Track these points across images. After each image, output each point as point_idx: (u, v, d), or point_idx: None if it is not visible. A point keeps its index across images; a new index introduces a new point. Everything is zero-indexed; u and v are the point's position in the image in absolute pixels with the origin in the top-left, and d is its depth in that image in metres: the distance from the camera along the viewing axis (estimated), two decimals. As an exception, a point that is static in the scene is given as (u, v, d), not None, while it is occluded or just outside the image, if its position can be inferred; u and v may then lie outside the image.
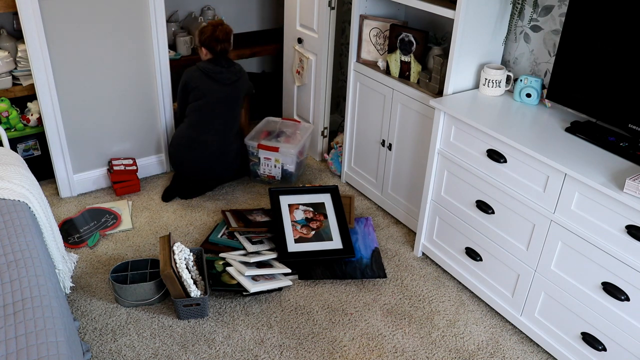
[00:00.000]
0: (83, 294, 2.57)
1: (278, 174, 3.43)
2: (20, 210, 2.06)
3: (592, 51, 2.18)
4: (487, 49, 2.62)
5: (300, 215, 2.94)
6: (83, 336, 2.34)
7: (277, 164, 3.39)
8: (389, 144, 3.06)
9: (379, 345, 2.37)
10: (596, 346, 2.09)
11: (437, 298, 2.64)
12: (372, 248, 2.92)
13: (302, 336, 2.40)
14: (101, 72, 3.13)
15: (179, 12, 4.01)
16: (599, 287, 2.04)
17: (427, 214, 2.77)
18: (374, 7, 3.06)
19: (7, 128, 3.14)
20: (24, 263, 1.77)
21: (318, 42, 3.45)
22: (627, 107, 2.11)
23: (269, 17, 4.53)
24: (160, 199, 3.30)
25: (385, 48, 3.05)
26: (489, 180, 2.35)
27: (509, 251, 2.37)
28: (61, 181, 3.25)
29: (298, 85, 3.77)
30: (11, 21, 3.23)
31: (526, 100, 2.53)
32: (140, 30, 3.15)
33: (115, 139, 3.36)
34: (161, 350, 2.29)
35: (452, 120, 2.46)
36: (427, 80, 2.75)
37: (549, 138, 2.21)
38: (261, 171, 3.44)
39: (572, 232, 2.07)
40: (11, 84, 3.12)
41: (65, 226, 3.00)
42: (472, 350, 2.36)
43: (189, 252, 2.53)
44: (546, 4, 2.50)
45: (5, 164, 2.33)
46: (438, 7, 2.52)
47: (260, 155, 3.38)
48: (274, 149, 3.36)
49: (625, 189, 1.85)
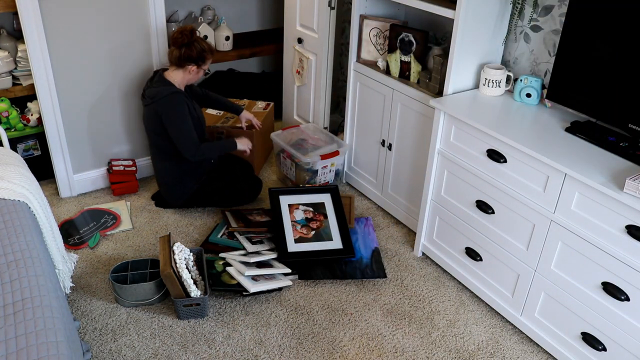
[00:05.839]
0: (83, 294, 2.57)
1: (332, 177, 3.41)
2: (20, 210, 2.06)
3: (592, 51, 2.18)
4: (487, 49, 2.62)
5: (300, 215, 2.94)
6: (83, 336, 2.34)
7: (333, 167, 3.34)
8: (389, 144, 3.06)
9: (379, 345, 2.37)
10: (596, 346, 2.09)
11: (437, 298, 2.64)
12: (372, 248, 2.92)
13: (302, 336, 2.40)
14: (101, 72, 3.13)
15: (179, 12, 4.01)
16: (599, 287, 2.04)
17: (427, 214, 2.77)
18: (374, 7, 3.06)
19: (7, 128, 3.14)
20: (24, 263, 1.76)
21: (318, 42, 3.45)
22: (627, 107, 2.11)
23: (269, 17, 4.53)
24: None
25: (385, 48, 3.05)
26: (489, 180, 2.35)
27: (509, 251, 2.37)
28: (61, 181, 3.25)
29: (298, 85, 3.77)
30: (11, 21, 3.23)
31: (526, 100, 2.53)
32: (140, 30, 3.15)
33: (115, 139, 3.35)
34: (161, 350, 2.29)
35: (452, 120, 2.46)
36: (427, 80, 2.75)
37: (549, 138, 2.21)
38: (318, 182, 3.34)
39: (572, 232, 2.07)
40: (11, 84, 3.12)
41: (65, 226, 2.99)
42: (472, 350, 2.36)
43: (189, 252, 2.53)
44: (546, 4, 2.50)
45: (5, 164, 2.32)
46: (438, 7, 2.52)
47: (318, 167, 3.26)
48: (335, 153, 3.30)
49: (625, 189, 1.85)
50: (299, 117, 3.91)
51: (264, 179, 3.59)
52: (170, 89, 2.84)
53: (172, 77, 2.91)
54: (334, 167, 3.37)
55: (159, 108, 2.83)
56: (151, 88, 2.87)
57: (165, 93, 2.82)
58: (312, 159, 3.21)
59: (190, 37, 2.83)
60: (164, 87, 2.84)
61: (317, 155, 3.24)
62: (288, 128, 3.59)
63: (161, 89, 2.83)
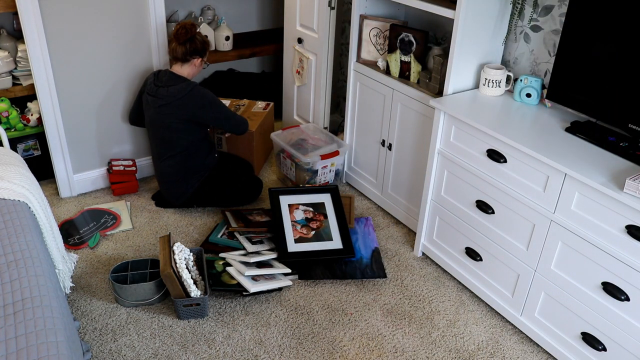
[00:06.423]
0: (83, 294, 2.57)
1: (332, 177, 3.41)
2: (20, 210, 2.06)
3: (592, 51, 2.18)
4: (487, 49, 2.62)
5: (300, 215, 2.94)
6: (83, 336, 2.34)
7: (333, 167, 3.34)
8: (389, 144, 3.06)
9: (379, 345, 2.37)
10: (596, 346, 2.09)
11: (437, 298, 2.64)
12: (372, 248, 2.92)
13: (302, 336, 2.40)
14: (101, 72, 3.13)
15: (179, 12, 4.01)
16: (599, 287, 2.04)
17: (427, 214, 2.77)
18: (374, 7, 3.06)
19: (7, 128, 3.14)
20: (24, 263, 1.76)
21: (318, 42, 3.45)
22: (627, 107, 2.11)
23: (269, 17, 4.53)
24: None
25: (385, 48, 3.05)
26: (489, 180, 2.35)
27: (509, 251, 2.37)
28: (61, 181, 3.25)
29: (298, 85, 3.77)
30: (11, 21, 3.23)
31: (526, 100, 2.53)
32: (140, 30, 3.15)
33: (115, 139, 3.35)
34: (161, 350, 2.29)
35: (452, 120, 2.46)
36: (427, 80, 2.75)
37: (549, 138, 2.21)
38: (318, 182, 3.34)
39: (572, 232, 2.07)
40: (11, 84, 3.12)
41: (65, 226, 3.00)
42: (472, 350, 2.36)
43: (189, 252, 2.53)
44: (546, 4, 2.50)
45: (5, 164, 2.32)
46: (438, 7, 2.52)
47: (317, 167, 3.26)
48: (335, 153, 3.30)
49: (625, 189, 1.85)
50: (299, 117, 3.91)
51: (264, 179, 3.59)
52: (190, 83, 2.88)
53: (182, 72, 2.95)
54: (334, 167, 3.37)
55: (192, 102, 2.85)
56: (165, 87, 2.87)
57: (191, 87, 2.86)
58: (312, 159, 3.21)
59: (192, 32, 2.90)
60: (184, 83, 2.87)
61: (317, 155, 3.24)
62: (288, 128, 3.59)
63: (182, 85, 2.85)
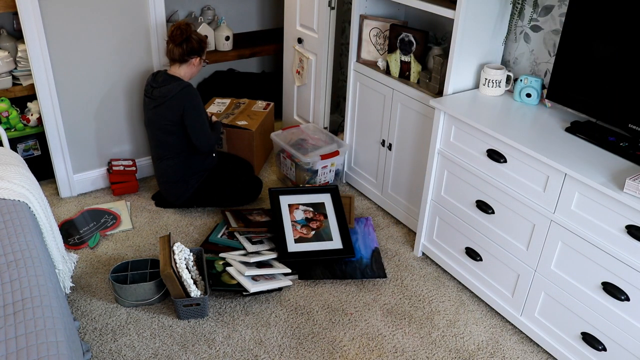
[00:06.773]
0: (83, 294, 2.57)
1: (332, 177, 3.41)
2: (20, 210, 2.06)
3: (592, 51, 2.18)
4: (487, 49, 2.62)
5: (300, 215, 2.94)
6: (83, 336, 2.34)
7: (333, 167, 3.34)
8: (389, 144, 3.06)
9: (379, 345, 2.37)
10: (596, 346, 2.09)
11: (437, 298, 2.64)
12: (372, 248, 2.92)
13: (302, 336, 2.40)
14: (101, 72, 3.13)
15: (179, 12, 4.01)
16: (599, 287, 2.04)
17: (427, 214, 2.77)
18: (374, 7, 3.06)
19: (7, 128, 3.14)
20: (24, 263, 1.77)
21: (318, 42, 3.45)
22: (627, 107, 2.11)
23: (269, 17, 4.53)
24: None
25: (385, 48, 3.05)
26: (489, 180, 2.35)
27: (509, 251, 2.37)
28: (61, 181, 3.25)
29: (298, 85, 3.77)
30: (11, 21, 3.23)
31: (526, 100, 2.53)
32: (140, 30, 3.15)
33: (115, 139, 3.35)
34: (161, 350, 2.29)
35: (452, 120, 2.46)
36: (427, 80, 2.75)
37: (549, 138, 2.21)
38: (318, 182, 3.34)
39: (572, 232, 2.07)
40: (11, 84, 3.12)
41: (65, 226, 2.99)
42: (472, 350, 2.36)
43: (189, 252, 2.53)
44: (546, 4, 2.50)
45: (5, 164, 2.33)
46: (438, 7, 2.52)
47: (317, 167, 3.26)
48: (335, 153, 3.30)
49: (625, 189, 1.85)
50: (299, 117, 3.91)
51: (264, 179, 3.59)
52: (183, 83, 2.88)
53: (178, 73, 2.95)
54: (334, 167, 3.37)
55: (178, 102, 2.84)
56: (160, 88, 2.88)
57: (180, 87, 2.85)
58: (312, 159, 3.21)
59: (188, 32, 2.88)
60: (175, 83, 2.87)
61: (317, 155, 3.24)
62: (288, 128, 3.59)
63: (173, 85, 2.86)
